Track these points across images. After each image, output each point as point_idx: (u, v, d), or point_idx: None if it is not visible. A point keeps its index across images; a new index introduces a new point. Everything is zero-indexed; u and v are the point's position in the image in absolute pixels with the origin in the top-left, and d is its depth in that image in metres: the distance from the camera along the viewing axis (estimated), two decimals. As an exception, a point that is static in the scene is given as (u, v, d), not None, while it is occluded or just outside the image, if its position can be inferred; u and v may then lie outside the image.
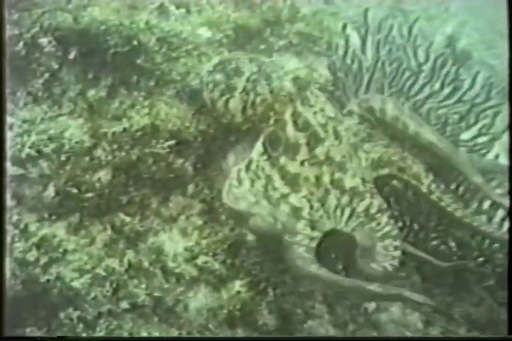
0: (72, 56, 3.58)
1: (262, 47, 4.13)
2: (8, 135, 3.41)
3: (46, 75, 3.56)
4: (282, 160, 3.21)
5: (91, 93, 3.59)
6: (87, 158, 3.43)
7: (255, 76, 3.29)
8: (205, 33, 3.95)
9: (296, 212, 3.21)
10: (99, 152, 3.43)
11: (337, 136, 3.31)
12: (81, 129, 3.45)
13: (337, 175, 3.24)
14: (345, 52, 3.90)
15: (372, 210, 3.31)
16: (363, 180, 3.32)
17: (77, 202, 3.40)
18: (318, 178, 3.23)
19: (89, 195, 3.39)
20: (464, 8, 6.45)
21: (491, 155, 3.75)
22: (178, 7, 3.98)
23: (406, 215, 3.59)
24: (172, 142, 3.45)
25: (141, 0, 3.89)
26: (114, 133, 3.46)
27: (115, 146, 3.45)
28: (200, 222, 3.58)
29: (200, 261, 3.42)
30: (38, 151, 3.36)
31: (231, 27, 3.97)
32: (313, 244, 3.19)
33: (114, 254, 3.41)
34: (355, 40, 3.94)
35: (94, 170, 3.41)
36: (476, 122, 3.70)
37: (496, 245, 3.51)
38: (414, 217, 3.60)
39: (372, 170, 3.49)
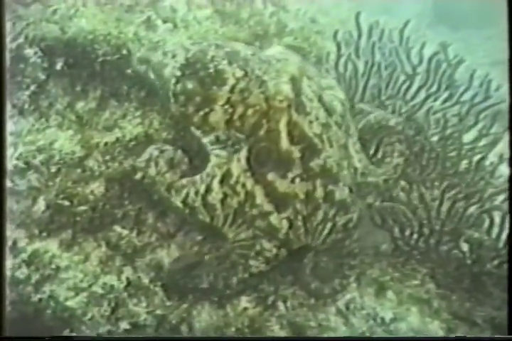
0: (59, 67, 3.60)
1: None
2: (-6, 148, 3.32)
3: (32, 87, 3.52)
4: (270, 176, 3.15)
5: (80, 105, 3.55)
6: (78, 170, 3.39)
7: (242, 83, 3.11)
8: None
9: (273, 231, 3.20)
10: (91, 163, 3.41)
11: (331, 143, 3.29)
12: (71, 140, 3.42)
13: (330, 188, 3.24)
14: (337, 61, 3.99)
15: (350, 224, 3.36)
16: (351, 190, 3.34)
17: (69, 216, 3.34)
18: (308, 194, 3.20)
19: (82, 208, 3.34)
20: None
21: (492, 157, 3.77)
22: (164, 21, 4.05)
23: (414, 220, 3.56)
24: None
25: (127, 14, 3.95)
26: (106, 144, 3.45)
27: (108, 157, 3.41)
28: (199, 238, 3.47)
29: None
30: (26, 163, 3.32)
31: (219, 40, 4.04)
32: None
33: (110, 271, 3.26)
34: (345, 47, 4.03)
35: (87, 182, 3.39)
36: (476, 123, 3.78)
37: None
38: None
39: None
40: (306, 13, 4.86)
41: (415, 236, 3.61)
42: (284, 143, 3.10)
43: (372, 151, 3.66)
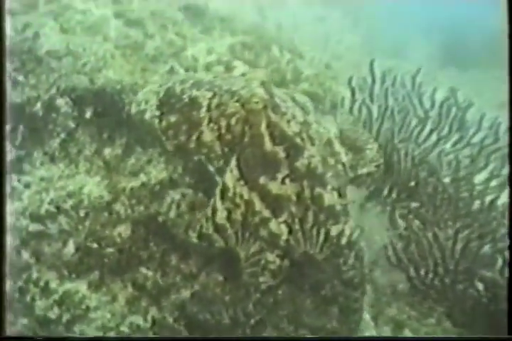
0: (88, 116, 3.84)
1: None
2: (26, 193, 3.56)
3: (63, 135, 3.78)
4: (262, 180, 3.27)
5: (107, 151, 3.78)
6: (106, 213, 3.57)
7: (215, 101, 3.34)
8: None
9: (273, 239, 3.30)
10: (118, 207, 3.60)
11: (312, 141, 3.41)
12: (99, 185, 3.64)
13: (317, 191, 3.32)
14: (352, 105, 4.22)
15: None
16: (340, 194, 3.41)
17: (97, 258, 3.52)
18: (299, 196, 3.30)
19: (110, 250, 3.52)
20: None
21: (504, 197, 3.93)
22: (187, 70, 4.33)
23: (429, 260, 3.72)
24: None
25: (152, 64, 4.24)
26: (132, 188, 3.64)
27: (134, 201, 3.61)
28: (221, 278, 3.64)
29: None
30: (57, 207, 3.52)
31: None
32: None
33: (137, 311, 3.44)
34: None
35: (114, 225, 3.57)
36: (486, 165, 3.96)
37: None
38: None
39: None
40: (320, 59, 5.10)
41: (431, 275, 3.73)
42: (268, 145, 3.27)
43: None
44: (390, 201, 4.07)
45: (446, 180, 3.97)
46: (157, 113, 3.37)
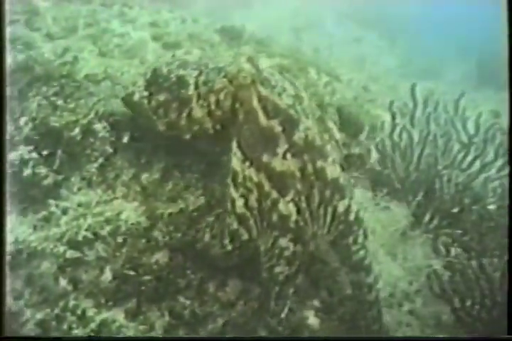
0: (125, 140, 3.82)
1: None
2: (64, 219, 3.54)
3: (100, 160, 3.76)
4: (265, 158, 3.26)
5: (145, 176, 3.76)
6: (143, 240, 3.52)
7: (202, 78, 3.37)
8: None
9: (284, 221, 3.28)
10: (155, 233, 3.55)
11: (306, 115, 3.41)
12: (136, 211, 3.60)
13: (319, 164, 3.30)
14: (392, 130, 4.15)
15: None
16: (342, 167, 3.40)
17: (134, 285, 3.48)
18: (302, 171, 3.28)
19: (147, 278, 3.47)
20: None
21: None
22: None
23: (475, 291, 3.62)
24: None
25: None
26: (170, 214, 3.60)
27: (171, 227, 3.57)
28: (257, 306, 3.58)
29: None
30: (95, 234, 3.49)
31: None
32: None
33: (174, 341, 3.39)
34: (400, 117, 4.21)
35: (152, 252, 3.54)
36: (533, 191, 3.87)
37: None
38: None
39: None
40: (358, 82, 5.05)
41: (477, 307, 3.62)
42: (262, 119, 3.26)
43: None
44: (433, 228, 3.97)
45: (492, 207, 3.87)
46: (145, 93, 3.42)
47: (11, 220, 3.60)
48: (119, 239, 3.52)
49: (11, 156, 3.76)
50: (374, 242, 3.95)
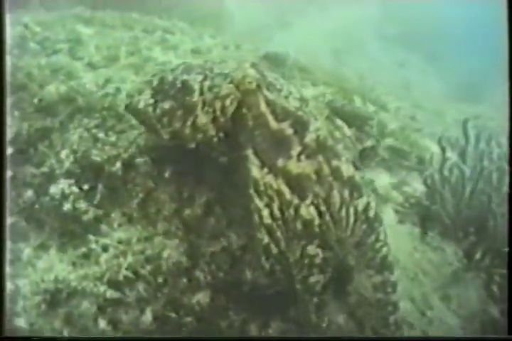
0: (167, 175, 3.73)
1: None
2: (104, 257, 3.46)
3: (141, 195, 3.68)
4: (280, 162, 3.23)
5: (186, 212, 3.66)
6: (185, 280, 3.42)
7: (207, 83, 3.34)
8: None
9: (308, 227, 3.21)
10: (197, 273, 3.44)
11: (314, 116, 3.40)
12: (178, 249, 3.50)
13: (334, 163, 3.28)
14: (442, 165, 3.99)
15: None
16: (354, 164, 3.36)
17: (175, 327, 3.36)
18: (318, 173, 3.24)
19: (188, 319, 3.35)
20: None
21: None
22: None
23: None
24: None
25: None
26: (212, 253, 3.48)
27: (214, 266, 3.46)
28: (300, 348, 3.45)
29: None
30: (135, 273, 3.40)
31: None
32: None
33: (215, 386, 3.27)
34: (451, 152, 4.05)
35: (193, 292, 3.43)
36: None
37: None
38: None
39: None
40: (404, 110, 4.91)
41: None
42: (273, 123, 3.27)
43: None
44: (485, 267, 3.78)
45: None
46: (151, 101, 3.39)
47: (50, 256, 3.51)
48: (160, 279, 3.40)
49: (52, 190, 3.70)
50: (427, 286, 3.78)
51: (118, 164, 3.75)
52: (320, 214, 3.18)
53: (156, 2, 7.99)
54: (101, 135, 3.89)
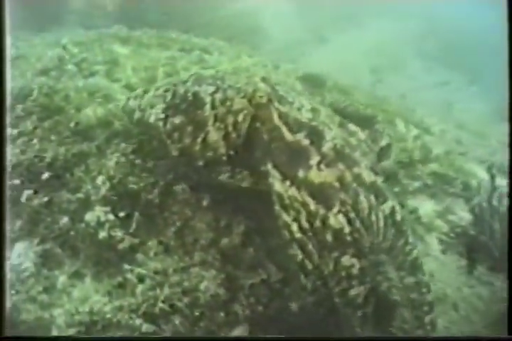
0: (205, 203, 3.62)
1: (397, 190, 4.12)
2: (140, 288, 3.36)
3: (178, 223, 3.57)
4: (301, 173, 3.18)
5: (224, 241, 3.55)
6: (222, 313, 3.30)
7: (219, 95, 3.31)
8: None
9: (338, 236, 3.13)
10: (235, 306, 3.32)
11: (328, 125, 3.39)
12: (215, 280, 3.39)
13: (355, 170, 3.26)
14: (491, 194, 3.81)
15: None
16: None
17: (211, 363, 3.22)
18: (341, 180, 3.20)
19: (225, 355, 3.23)
20: None
21: None
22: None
23: None
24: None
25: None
26: (251, 286, 3.36)
27: (252, 299, 3.33)
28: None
29: None
30: (171, 306, 3.29)
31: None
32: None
33: None
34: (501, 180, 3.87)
35: (231, 327, 3.31)
36: None
37: None
38: None
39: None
40: (448, 133, 4.73)
41: None
42: (287, 135, 3.24)
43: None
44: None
45: None
46: (162, 115, 3.37)
47: (85, 284, 3.43)
48: (197, 312, 3.28)
49: (88, 217, 3.61)
50: (477, 323, 3.60)
51: (155, 192, 3.64)
52: (349, 221, 3.13)
53: (193, 19, 7.95)
54: (138, 161, 3.79)
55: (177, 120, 3.28)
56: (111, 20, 7.75)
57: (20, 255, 3.54)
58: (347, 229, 3.11)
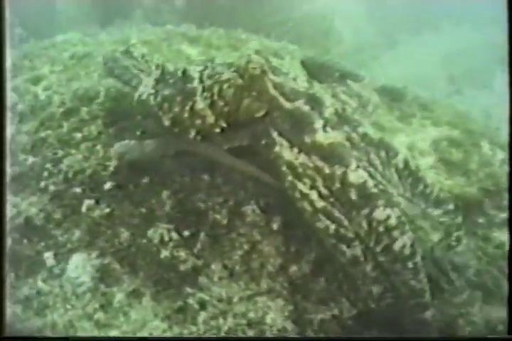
0: (275, 226, 3.38)
1: (481, 221, 3.77)
2: (202, 316, 3.15)
3: (246, 246, 3.34)
4: (307, 138, 3.10)
5: (293, 269, 3.30)
6: (288, 350, 3.04)
7: (207, 71, 3.30)
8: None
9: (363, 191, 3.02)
10: (303, 343, 3.06)
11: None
12: (282, 312, 3.14)
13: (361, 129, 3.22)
14: None
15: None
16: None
17: None
18: (350, 140, 3.15)
19: None
20: None
21: None
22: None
23: None
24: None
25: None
26: (321, 321, 3.19)
27: (322, 335, 3.07)
28: None
29: None
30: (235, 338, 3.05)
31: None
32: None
33: None
34: None
35: (297, 365, 3.03)
36: None
37: None
38: None
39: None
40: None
41: None
42: (286, 104, 3.18)
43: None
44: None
45: None
46: (152, 90, 3.35)
47: (143, 305, 3.23)
48: (262, 347, 3.05)
49: (150, 233, 3.40)
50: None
51: (224, 212, 3.42)
52: (370, 174, 3.04)
53: (265, 18, 7.69)
54: (206, 176, 3.57)
55: (166, 92, 3.27)
56: (178, 16, 7.56)
57: (78, 267, 3.37)
58: (370, 182, 2.99)
